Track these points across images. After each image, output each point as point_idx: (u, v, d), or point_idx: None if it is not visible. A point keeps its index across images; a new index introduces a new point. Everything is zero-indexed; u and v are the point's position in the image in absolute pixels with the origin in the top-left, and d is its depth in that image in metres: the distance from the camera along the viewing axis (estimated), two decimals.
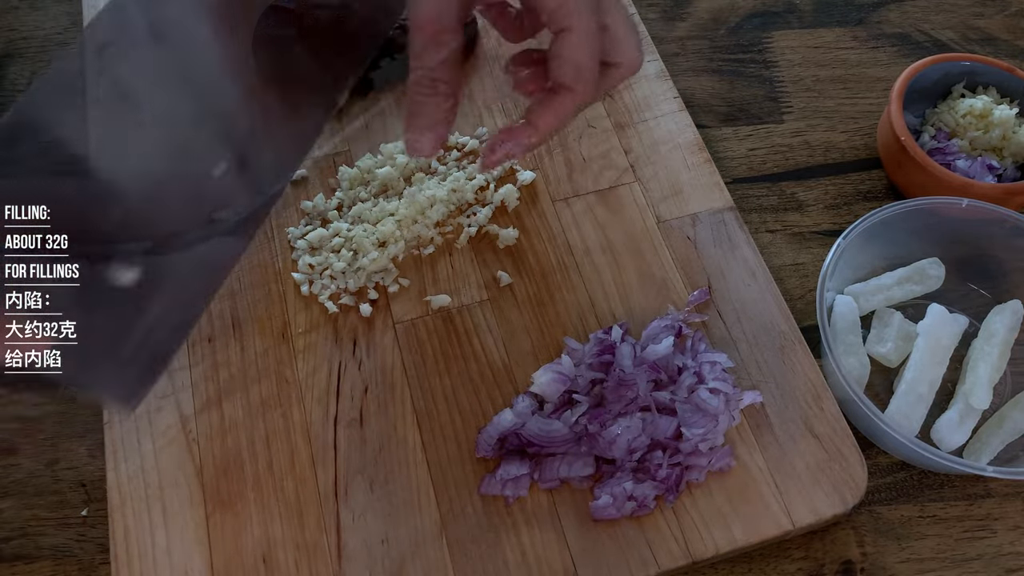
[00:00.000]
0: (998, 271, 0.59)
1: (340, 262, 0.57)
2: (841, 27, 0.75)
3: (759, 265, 0.58)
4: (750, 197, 0.65)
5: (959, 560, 0.51)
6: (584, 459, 0.50)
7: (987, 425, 0.54)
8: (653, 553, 0.48)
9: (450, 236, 0.59)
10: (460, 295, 0.57)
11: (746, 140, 0.68)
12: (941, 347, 0.54)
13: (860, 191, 0.66)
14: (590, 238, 0.60)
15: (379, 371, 0.54)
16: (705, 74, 0.72)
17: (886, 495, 0.53)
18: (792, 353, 0.55)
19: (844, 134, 0.69)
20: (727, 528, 0.49)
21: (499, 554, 0.49)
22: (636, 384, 0.51)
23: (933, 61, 0.65)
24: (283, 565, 0.49)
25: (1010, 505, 0.53)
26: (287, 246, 0.59)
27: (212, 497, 0.50)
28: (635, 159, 0.63)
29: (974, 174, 0.61)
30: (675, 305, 0.57)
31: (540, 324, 0.56)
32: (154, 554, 0.49)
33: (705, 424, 0.50)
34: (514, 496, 0.50)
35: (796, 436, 0.52)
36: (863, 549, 0.51)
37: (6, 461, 0.54)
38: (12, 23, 0.75)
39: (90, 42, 0.43)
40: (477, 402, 0.53)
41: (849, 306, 0.56)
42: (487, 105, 0.66)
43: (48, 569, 0.51)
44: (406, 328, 0.56)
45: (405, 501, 0.50)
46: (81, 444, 0.55)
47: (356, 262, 0.57)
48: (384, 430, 0.52)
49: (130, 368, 0.40)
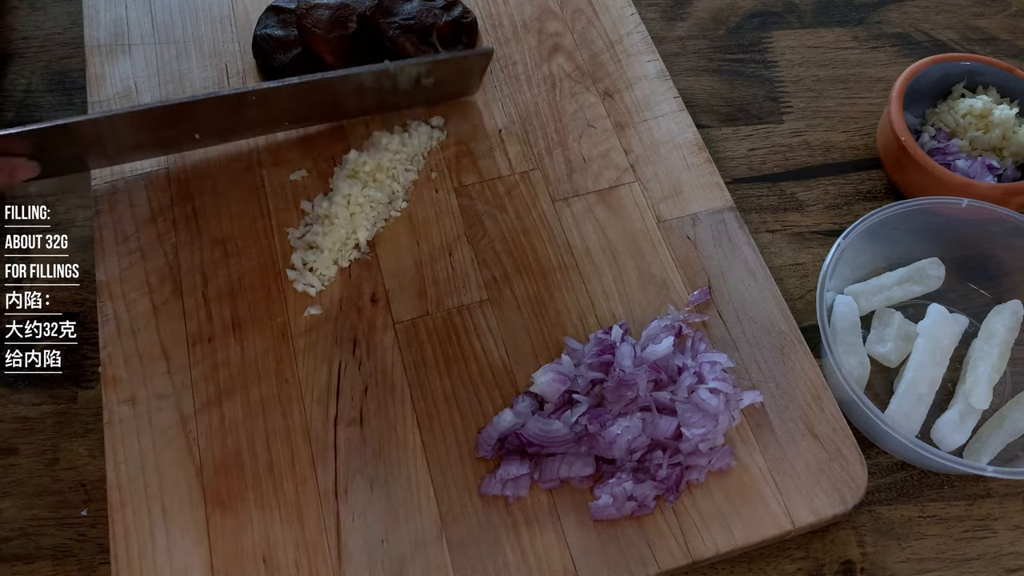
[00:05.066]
0: (998, 271, 0.59)
1: (324, 238, 0.58)
2: (841, 27, 0.75)
3: (759, 265, 0.58)
4: (750, 197, 0.65)
5: (959, 560, 0.51)
6: (584, 459, 0.50)
7: (987, 425, 0.54)
8: (653, 553, 0.48)
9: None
10: (460, 295, 0.57)
11: (746, 140, 0.68)
12: (941, 347, 0.54)
13: (860, 191, 0.66)
14: (590, 238, 0.60)
15: (379, 371, 0.54)
16: (705, 74, 0.72)
17: (886, 495, 0.53)
18: (792, 353, 0.55)
19: (844, 134, 0.69)
20: (727, 528, 0.49)
21: (499, 554, 0.49)
22: (636, 384, 0.51)
23: (933, 61, 0.65)
24: (283, 565, 0.49)
25: (1010, 505, 0.53)
26: (287, 246, 0.59)
27: (212, 497, 0.50)
28: (635, 159, 0.63)
29: (974, 174, 0.61)
30: (675, 305, 0.57)
31: (540, 324, 0.56)
32: (154, 554, 0.49)
33: (705, 424, 0.50)
34: (514, 496, 0.50)
35: (796, 436, 0.52)
36: (863, 549, 0.51)
37: (6, 461, 0.54)
38: (12, 23, 0.75)
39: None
40: (477, 402, 0.53)
41: (849, 306, 0.56)
42: (487, 105, 0.66)
43: (48, 569, 0.51)
44: (406, 328, 0.56)
45: (405, 501, 0.50)
46: (81, 444, 0.55)
47: (334, 233, 0.58)
48: (384, 430, 0.52)
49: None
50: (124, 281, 0.58)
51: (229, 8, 0.72)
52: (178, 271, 0.58)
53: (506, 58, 0.69)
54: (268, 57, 0.67)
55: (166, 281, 0.58)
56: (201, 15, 0.71)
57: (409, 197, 0.62)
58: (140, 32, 0.70)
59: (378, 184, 0.60)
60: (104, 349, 0.55)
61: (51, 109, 0.69)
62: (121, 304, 0.57)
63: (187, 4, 0.72)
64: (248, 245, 0.60)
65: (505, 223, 0.61)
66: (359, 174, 0.61)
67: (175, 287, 0.58)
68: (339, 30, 0.66)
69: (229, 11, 0.71)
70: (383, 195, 0.60)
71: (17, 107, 0.69)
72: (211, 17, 0.71)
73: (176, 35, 0.70)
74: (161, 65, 0.68)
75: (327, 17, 0.66)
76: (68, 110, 0.69)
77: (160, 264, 0.59)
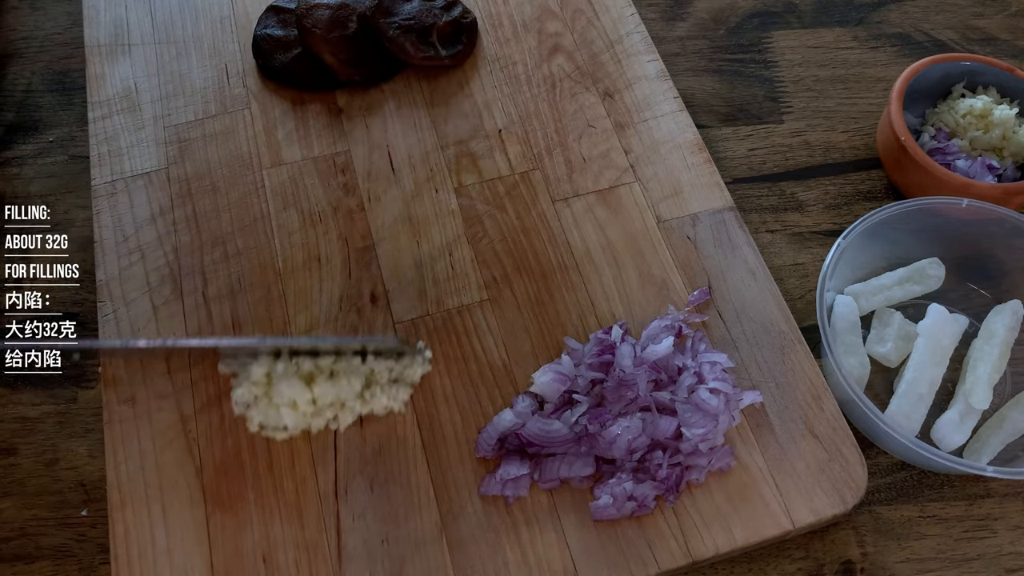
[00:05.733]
0: (998, 271, 0.59)
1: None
2: (841, 27, 0.75)
3: (759, 265, 0.58)
4: (750, 197, 0.65)
5: (959, 560, 0.51)
6: (584, 459, 0.50)
7: (987, 425, 0.54)
8: (653, 553, 0.48)
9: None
10: (460, 295, 0.57)
11: (746, 140, 0.68)
12: (941, 347, 0.54)
13: (860, 191, 0.66)
14: (590, 238, 0.60)
15: None
16: (705, 74, 0.72)
17: (886, 495, 0.53)
18: (792, 353, 0.55)
19: (844, 134, 0.69)
20: (727, 528, 0.49)
21: (499, 554, 0.49)
22: (636, 384, 0.51)
23: (933, 61, 0.65)
24: (283, 565, 0.49)
25: (1010, 505, 0.53)
26: (287, 247, 0.59)
27: (212, 497, 0.50)
28: (635, 159, 0.63)
29: (974, 174, 0.61)
30: (675, 305, 0.57)
31: (540, 324, 0.56)
32: (154, 554, 0.49)
33: (705, 424, 0.50)
34: (514, 496, 0.50)
35: (796, 436, 0.52)
36: (863, 549, 0.51)
37: (6, 461, 0.54)
38: (12, 23, 0.75)
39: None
40: (477, 402, 0.53)
41: (849, 306, 0.56)
42: (487, 105, 0.66)
43: (48, 569, 0.51)
44: (406, 328, 0.56)
45: (405, 501, 0.50)
46: (81, 444, 0.55)
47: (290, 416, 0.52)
48: (384, 430, 0.52)
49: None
50: (124, 281, 0.58)
51: (229, 8, 0.72)
52: (178, 271, 0.58)
53: (506, 58, 0.69)
54: (268, 57, 0.67)
55: (166, 281, 0.58)
56: (201, 15, 0.71)
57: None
58: (140, 32, 0.70)
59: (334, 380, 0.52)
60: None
61: (51, 109, 0.69)
62: (121, 304, 0.57)
63: (187, 4, 0.72)
64: (248, 245, 0.60)
65: (505, 223, 0.61)
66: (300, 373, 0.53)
67: (175, 287, 0.58)
68: (339, 30, 0.66)
69: (229, 11, 0.71)
70: (342, 390, 0.52)
71: (17, 107, 0.69)
72: (211, 17, 0.71)
73: (176, 35, 0.70)
74: (161, 65, 0.68)
75: (327, 17, 0.66)
76: (68, 110, 0.69)
77: (160, 264, 0.59)
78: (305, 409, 0.52)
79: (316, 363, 0.53)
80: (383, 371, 0.53)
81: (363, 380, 0.53)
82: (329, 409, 0.52)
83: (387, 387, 0.53)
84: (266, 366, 0.53)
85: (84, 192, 0.63)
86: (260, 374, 0.52)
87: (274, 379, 0.52)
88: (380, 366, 0.53)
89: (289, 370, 0.53)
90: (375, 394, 0.52)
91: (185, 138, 0.64)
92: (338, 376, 0.52)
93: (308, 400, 0.52)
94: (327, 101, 0.67)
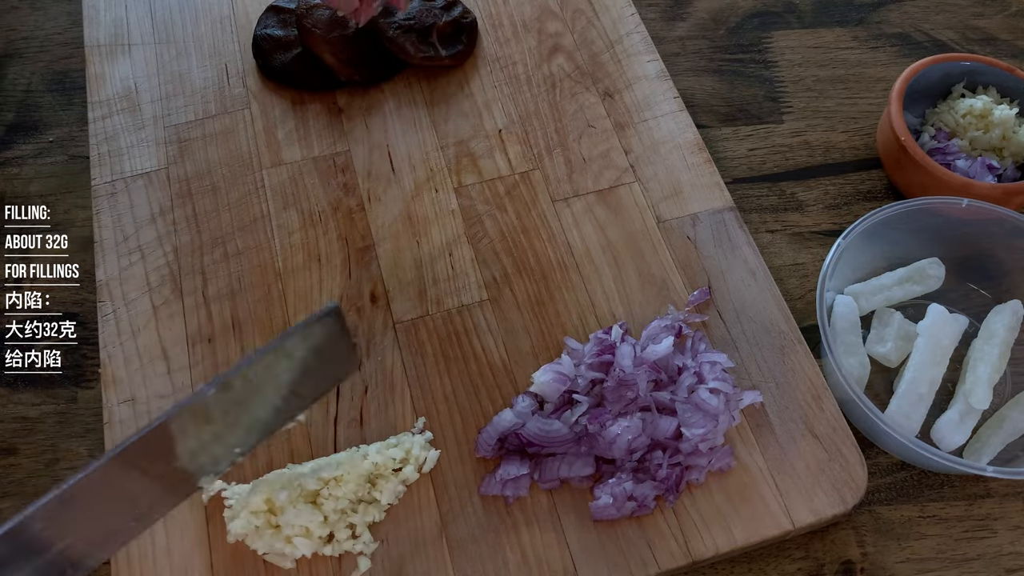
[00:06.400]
0: (998, 271, 0.59)
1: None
2: (841, 27, 0.75)
3: (759, 265, 0.58)
4: (750, 197, 0.65)
5: (959, 560, 0.51)
6: (584, 459, 0.50)
7: (987, 425, 0.54)
8: (653, 553, 0.48)
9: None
10: (460, 295, 0.57)
11: (746, 140, 0.68)
12: (941, 347, 0.54)
13: (860, 191, 0.66)
14: (590, 238, 0.60)
15: (379, 371, 0.54)
16: (705, 74, 0.72)
17: (886, 495, 0.53)
18: (792, 353, 0.55)
19: (844, 134, 0.69)
20: (727, 528, 0.49)
21: (499, 554, 0.49)
22: (636, 384, 0.51)
23: (933, 61, 0.65)
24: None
25: (1010, 505, 0.53)
26: (287, 247, 0.59)
27: (212, 497, 0.50)
28: (635, 159, 0.63)
29: (974, 174, 0.61)
30: (675, 305, 0.57)
31: (540, 324, 0.56)
32: (154, 554, 0.49)
33: (705, 424, 0.50)
34: (514, 496, 0.50)
35: (796, 436, 0.52)
36: (863, 549, 0.51)
37: (6, 461, 0.54)
38: (12, 23, 0.75)
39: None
40: (477, 402, 0.53)
41: (849, 306, 0.56)
42: (487, 105, 0.66)
43: None
44: (406, 328, 0.56)
45: (405, 501, 0.50)
46: (81, 444, 0.55)
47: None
48: (384, 430, 0.52)
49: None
50: (124, 281, 0.58)
51: (229, 8, 0.72)
52: (178, 271, 0.58)
53: (506, 58, 0.69)
54: (268, 57, 0.67)
55: (166, 281, 0.58)
56: (201, 15, 0.71)
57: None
58: (140, 32, 0.70)
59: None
60: (104, 349, 0.55)
61: (51, 109, 0.69)
62: (121, 304, 0.57)
63: (187, 4, 0.72)
64: (248, 245, 0.60)
65: (505, 223, 0.61)
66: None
67: (175, 287, 0.58)
68: (339, 30, 0.66)
69: (229, 11, 0.71)
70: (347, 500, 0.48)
71: (17, 107, 0.69)
72: (211, 17, 0.71)
73: (176, 35, 0.70)
74: (161, 65, 0.68)
75: (327, 17, 0.66)
76: (68, 110, 0.69)
77: (160, 264, 0.59)
78: (320, 533, 0.47)
79: (317, 475, 0.48)
80: (387, 462, 0.49)
81: (367, 478, 0.48)
82: (342, 529, 0.48)
83: (391, 478, 0.49)
84: (264, 491, 0.47)
85: (84, 192, 0.63)
86: (259, 502, 0.47)
87: (278, 506, 0.47)
88: (382, 457, 0.49)
89: (293, 494, 0.47)
90: (383, 488, 0.49)
91: (185, 138, 0.64)
92: (342, 481, 0.48)
93: (319, 523, 0.47)
94: (327, 101, 0.67)
